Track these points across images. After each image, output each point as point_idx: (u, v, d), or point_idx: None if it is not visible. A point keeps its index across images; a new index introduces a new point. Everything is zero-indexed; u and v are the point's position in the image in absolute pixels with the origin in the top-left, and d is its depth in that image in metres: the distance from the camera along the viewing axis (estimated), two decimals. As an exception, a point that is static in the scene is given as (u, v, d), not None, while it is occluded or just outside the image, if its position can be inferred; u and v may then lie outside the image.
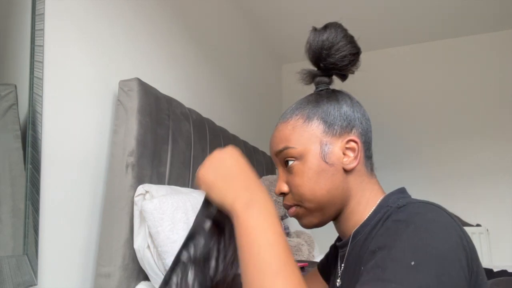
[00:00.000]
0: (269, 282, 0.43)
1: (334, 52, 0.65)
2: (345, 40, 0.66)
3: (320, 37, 0.66)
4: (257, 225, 0.47)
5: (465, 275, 0.48)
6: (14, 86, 0.95)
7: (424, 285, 0.44)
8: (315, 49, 0.67)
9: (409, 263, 0.46)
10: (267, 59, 3.04)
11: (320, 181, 0.63)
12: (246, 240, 0.47)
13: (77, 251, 1.13)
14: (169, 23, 1.67)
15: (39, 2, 1.01)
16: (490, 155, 2.66)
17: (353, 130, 0.66)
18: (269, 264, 0.44)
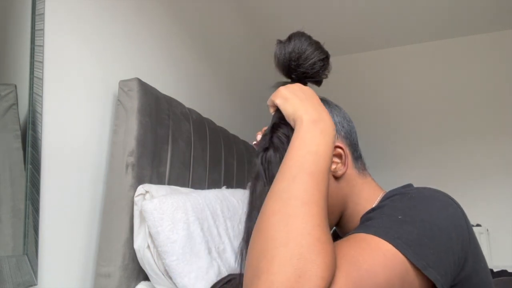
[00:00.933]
0: (301, 181, 0.48)
1: (303, 61, 0.66)
2: (311, 48, 0.66)
3: (286, 49, 0.67)
4: (314, 138, 0.53)
5: (453, 250, 0.49)
6: (14, 86, 0.95)
7: (403, 237, 0.47)
8: (284, 62, 0.68)
9: (397, 217, 0.50)
10: (267, 59, 3.04)
11: None
12: (298, 147, 0.53)
13: (77, 251, 1.13)
14: (169, 23, 1.67)
15: (39, 2, 1.01)
16: (490, 155, 2.66)
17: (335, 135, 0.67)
18: (309, 166, 0.50)
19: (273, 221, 0.46)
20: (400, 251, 0.45)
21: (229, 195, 1.49)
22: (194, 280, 1.07)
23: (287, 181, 0.50)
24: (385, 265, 0.45)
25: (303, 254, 0.41)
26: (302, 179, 0.49)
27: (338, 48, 3.02)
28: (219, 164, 1.77)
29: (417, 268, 0.45)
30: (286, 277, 0.40)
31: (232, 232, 1.37)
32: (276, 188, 0.50)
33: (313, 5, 2.47)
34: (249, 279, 0.43)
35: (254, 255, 0.45)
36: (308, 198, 0.47)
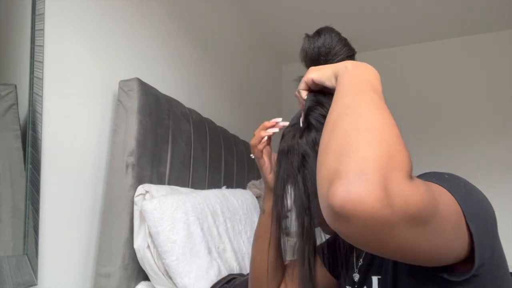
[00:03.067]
0: (363, 113, 0.45)
1: (332, 57, 0.65)
2: (340, 44, 0.66)
3: (316, 44, 0.66)
4: (363, 71, 0.53)
5: (491, 219, 0.51)
6: (14, 86, 0.95)
7: (455, 188, 0.48)
8: (312, 56, 0.67)
9: (443, 176, 0.51)
10: (267, 59, 3.04)
11: None
12: (349, 79, 0.52)
13: (77, 251, 1.13)
14: (169, 23, 1.67)
15: (39, 2, 1.01)
16: (490, 154, 2.66)
17: None
18: (368, 86, 0.49)
19: (349, 119, 0.44)
20: (454, 197, 0.47)
21: (229, 195, 1.49)
22: (194, 280, 1.07)
23: (350, 95, 0.48)
24: (449, 197, 0.46)
25: (388, 141, 0.41)
26: (367, 93, 0.48)
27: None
28: (219, 164, 1.77)
29: (465, 218, 0.46)
30: (379, 155, 0.39)
31: (232, 232, 1.37)
32: (341, 102, 0.48)
33: (313, 5, 2.47)
34: (334, 161, 0.41)
35: (334, 145, 0.42)
36: (380, 105, 0.46)
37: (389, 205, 0.36)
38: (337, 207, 0.37)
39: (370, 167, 0.38)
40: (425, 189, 0.40)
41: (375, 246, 0.39)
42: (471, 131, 2.74)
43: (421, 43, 2.97)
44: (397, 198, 0.37)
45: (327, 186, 0.39)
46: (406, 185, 0.38)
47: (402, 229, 0.38)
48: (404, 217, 0.37)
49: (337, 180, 0.38)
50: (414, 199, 0.38)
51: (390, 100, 2.14)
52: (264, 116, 2.90)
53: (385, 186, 0.37)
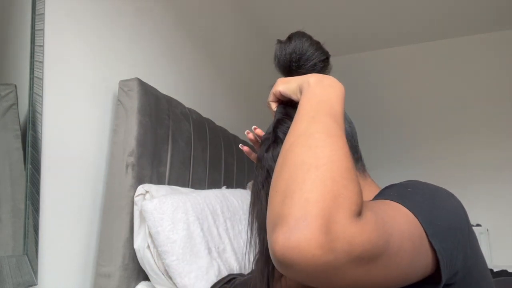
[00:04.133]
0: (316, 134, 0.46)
1: (304, 62, 0.65)
2: (312, 48, 0.65)
3: (287, 50, 0.66)
4: (324, 90, 0.53)
5: (457, 232, 0.49)
6: (14, 86, 0.95)
7: (416, 204, 0.47)
8: (284, 63, 0.66)
9: (406, 190, 0.51)
10: (267, 59, 3.04)
11: None
12: (309, 99, 0.52)
13: (77, 251, 1.13)
14: (169, 23, 1.67)
15: (39, 2, 1.01)
16: (490, 154, 2.66)
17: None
18: (319, 111, 0.50)
19: (299, 151, 0.44)
20: (415, 215, 0.46)
21: (229, 195, 1.49)
22: (194, 280, 1.07)
23: (306, 122, 0.49)
24: (407, 220, 0.45)
25: (335, 178, 0.40)
26: (322, 119, 0.48)
27: (338, 48, 3.02)
28: (219, 164, 1.77)
29: (427, 236, 0.45)
30: (322, 196, 0.38)
31: (232, 232, 1.37)
32: (295, 129, 0.49)
33: (313, 5, 2.47)
34: (278, 203, 0.40)
35: (281, 183, 0.42)
36: (332, 132, 0.46)
37: (330, 250, 0.36)
38: (278, 254, 0.37)
39: (312, 210, 0.37)
40: (373, 226, 0.39)
41: (324, 287, 0.39)
42: (471, 131, 2.74)
43: (421, 43, 2.97)
44: (340, 241, 0.36)
45: (271, 231, 0.39)
46: (350, 226, 0.37)
47: (348, 270, 0.37)
48: (349, 259, 0.37)
49: (279, 226, 0.38)
50: (359, 239, 0.37)
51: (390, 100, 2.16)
52: (264, 116, 2.90)
53: (327, 230, 0.36)
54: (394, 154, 2.90)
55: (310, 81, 0.55)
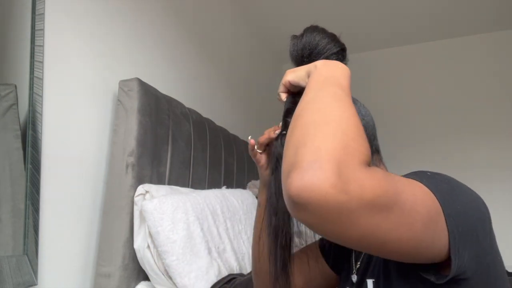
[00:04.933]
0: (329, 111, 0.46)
1: (315, 56, 0.65)
2: (323, 41, 0.65)
3: (299, 45, 0.67)
4: (330, 70, 0.55)
5: (480, 218, 0.49)
6: (14, 86, 0.95)
7: (436, 184, 0.47)
8: (296, 58, 0.68)
9: (425, 173, 0.50)
10: (267, 59, 3.04)
11: None
12: (316, 77, 0.54)
13: (77, 251, 1.13)
14: (169, 23, 1.67)
15: (39, 2, 1.01)
16: (490, 154, 2.66)
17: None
18: (333, 82, 0.51)
19: (309, 113, 0.46)
20: (433, 192, 0.46)
21: (229, 195, 1.49)
22: (194, 280, 1.07)
23: (314, 92, 0.51)
24: (423, 191, 0.45)
25: (345, 131, 0.42)
26: (329, 89, 0.50)
27: (338, 48, 3.01)
28: (219, 164, 1.77)
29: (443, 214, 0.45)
30: (333, 146, 0.40)
31: (232, 232, 1.37)
32: (304, 99, 0.50)
33: (313, 6, 2.47)
34: (291, 155, 0.42)
35: (293, 138, 0.44)
36: (339, 97, 0.48)
37: (343, 190, 0.37)
38: (293, 196, 0.38)
39: (324, 155, 0.39)
40: (382, 176, 0.41)
41: (337, 234, 0.39)
42: (471, 131, 2.74)
43: (421, 43, 2.97)
44: (352, 183, 0.37)
45: (286, 177, 0.40)
46: (360, 171, 0.39)
47: (361, 216, 0.38)
48: (362, 203, 0.38)
49: (292, 171, 0.39)
50: (370, 183, 0.38)
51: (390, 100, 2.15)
52: (264, 116, 2.90)
53: (339, 172, 0.37)
54: (393, 154, 2.90)
55: (317, 64, 0.57)
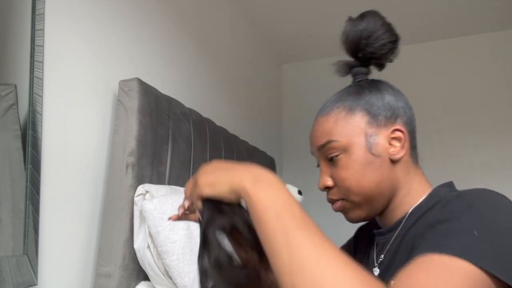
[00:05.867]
0: (292, 238, 0.39)
1: (373, 41, 0.65)
2: (383, 28, 0.66)
3: (358, 27, 0.66)
4: (269, 194, 0.44)
5: None
6: (14, 86, 0.95)
7: (486, 256, 0.42)
8: (353, 39, 0.66)
9: (472, 232, 0.44)
10: (267, 59, 3.04)
11: (367, 174, 0.62)
12: (261, 212, 0.43)
13: (77, 251, 1.13)
14: (169, 23, 1.67)
15: (39, 2, 1.01)
16: (490, 154, 2.66)
17: (397, 119, 0.65)
18: (286, 225, 0.41)
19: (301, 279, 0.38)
20: (483, 268, 0.41)
21: (229, 195, 1.49)
22: (194, 280, 1.07)
23: (281, 237, 0.40)
24: (469, 277, 0.40)
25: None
26: (298, 236, 0.40)
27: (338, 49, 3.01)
28: (219, 164, 1.77)
29: (505, 284, 0.41)
30: None
31: (232, 232, 1.37)
32: (273, 247, 0.41)
33: (313, 6, 2.47)
34: None
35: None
36: (320, 240, 0.40)
37: None
38: None
39: None
40: None
41: None
42: (471, 131, 2.74)
43: (421, 43, 2.97)
44: None
45: None
46: None
47: None
48: None
49: None
50: None
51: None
52: (264, 116, 2.90)
53: None
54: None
55: (245, 185, 0.45)
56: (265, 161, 2.43)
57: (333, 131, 0.64)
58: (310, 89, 3.25)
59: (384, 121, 0.64)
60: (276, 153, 3.00)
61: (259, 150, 2.37)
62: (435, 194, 0.62)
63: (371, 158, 0.62)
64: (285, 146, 3.28)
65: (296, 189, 1.95)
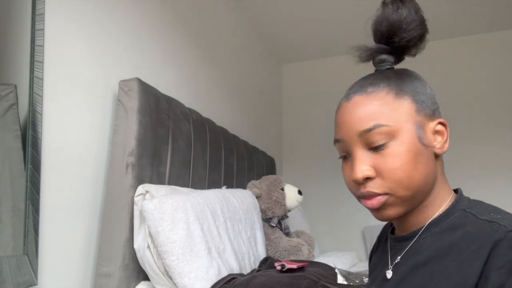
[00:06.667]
0: None
1: (413, 27, 0.61)
2: (421, 18, 0.62)
3: (400, 11, 0.61)
4: None
5: None
6: (14, 86, 0.95)
7: None
8: (395, 23, 0.60)
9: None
10: (267, 59, 3.04)
11: (417, 165, 0.56)
12: None
13: (77, 251, 1.13)
14: (169, 23, 1.67)
15: (39, 2, 1.01)
16: (490, 155, 2.66)
17: (437, 112, 0.61)
18: None
19: None
20: None
21: (229, 195, 1.49)
22: (194, 280, 1.07)
23: None
24: None
25: None
26: None
27: (337, 48, 3.02)
28: (219, 164, 1.77)
29: None
30: None
31: (232, 232, 1.37)
32: None
33: (313, 6, 2.47)
34: None
35: None
36: None
37: None
38: None
39: None
40: None
41: None
42: (471, 131, 2.74)
43: (421, 43, 2.97)
44: None
45: None
46: None
47: None
48: None
49: None
50: None
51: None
52: (264, 116, 2.90)
53: None
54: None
55: None
56: (265, 161, 2.43)
57: (380, 114, 0.56)
58: (310, 89, 3.25)
59: (429, 112, 0.59)
60: (276, 153, 3.00)
61: (259, 150, 2.37)
62: (456, 205, 0.59)
63: (421, 149, 0.57)
64: (285, 146, 3.28)
65: (296, 189, 1.95)
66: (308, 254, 1.77)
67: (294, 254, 1.72)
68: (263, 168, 2.37)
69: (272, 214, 1.84)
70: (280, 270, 1.16)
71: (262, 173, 2.32)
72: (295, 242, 1.76)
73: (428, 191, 0.59)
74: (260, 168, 2.32)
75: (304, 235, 1.97)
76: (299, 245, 1.75)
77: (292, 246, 1.74)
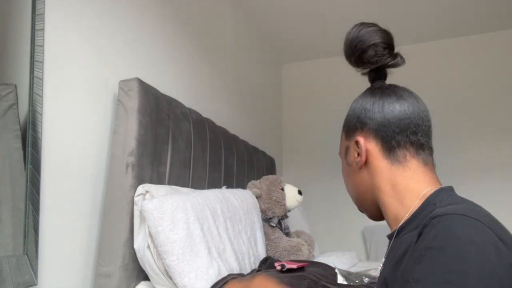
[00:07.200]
0: None
1: (370, 53, 0.78)
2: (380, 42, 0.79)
3: (382, 33, 0.74)
4: None
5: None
6: (14, 86, 0.95)
7: None
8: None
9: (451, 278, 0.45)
10: (267, 59, 3.04)
11: (347, 181, 0.74)
12: None
13: (77, 251, 1.13)
14: (169, 23, 1.67)
15: (39, 2, 1.01)
16: (490, 154, 2.66)
17: (364, 128, 0.69)
18: None
19: None
20: None
21: (229, 195, 1.49)
22: (194, 280, 1.07)
23: None
24: None
25: None
26: None
27: (338, 48, 3.01)
28: (219, 164, 1.77)
29: None
30: None
31: (232, 232, 1.37)
32: None
33: (313, 6, 2.47)
34: None
35: None
36: None
37: None
38: None
39: None
40: None
41: None
42: (471, 131, 2.74)
43: (421, 43, 2.97)
44: None
45: None
46: None
47: None
48: None
49: None
50: None
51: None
52: (264, 116, 2.90)
53: None
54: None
55: None
56: (265, 161, 2.43)
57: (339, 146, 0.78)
58: (310, 89, 3.25)
59: (351, 132, 0.72)
60: (276, 153, 3.00)
61: (259, 150, 2.37)
62: (431, 200, 0.60)
63: (347, 168, 0.74)
64: (285, 146, 3.28)
65: (296, 189, 1.95)
66: (308, 254, 1.77)
67: (294, 254, 1.72)
68: (263, 168, 2.37)
69: (272, 214, 1.84)
70: (280, 270, 1.16)
71: (262, 173, 2.32)
72: (295, 242, 1.76)
73: (370, 198, 0.70)
74: (260, 168, 2.32)
75: (304, 235, 1.97)
76: (299, 245, 1.75)
77: (292, 246, 1.74)
